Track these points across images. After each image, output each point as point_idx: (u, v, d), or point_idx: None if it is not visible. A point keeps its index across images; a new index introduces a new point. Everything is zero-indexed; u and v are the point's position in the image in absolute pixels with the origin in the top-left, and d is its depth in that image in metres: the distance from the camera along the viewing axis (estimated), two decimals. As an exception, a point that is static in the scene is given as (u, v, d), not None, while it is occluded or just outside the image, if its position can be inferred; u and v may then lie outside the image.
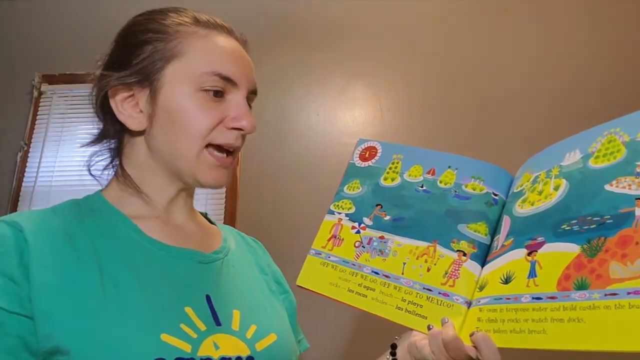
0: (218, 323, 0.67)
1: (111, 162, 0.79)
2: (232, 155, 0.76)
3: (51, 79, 2.35)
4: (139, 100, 0.73)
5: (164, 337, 0.60)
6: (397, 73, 2.22)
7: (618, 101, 2.04)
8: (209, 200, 2.10)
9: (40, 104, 2.33)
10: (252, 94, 0.78)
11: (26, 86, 2.34)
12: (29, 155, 2.25)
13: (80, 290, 0.60)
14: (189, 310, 0.65)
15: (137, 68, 0.72)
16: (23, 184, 2.21)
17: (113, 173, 0.79)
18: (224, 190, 2.08)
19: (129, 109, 0.73)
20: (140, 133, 0.74)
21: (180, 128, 0.71)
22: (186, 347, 0.61)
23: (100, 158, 0.80)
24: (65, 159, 2.23)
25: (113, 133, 0.77)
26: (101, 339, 0.58)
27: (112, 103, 0.73)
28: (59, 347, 0.57)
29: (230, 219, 2.03)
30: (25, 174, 2.22)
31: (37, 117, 2.31)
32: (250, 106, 0.77)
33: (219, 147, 0.73)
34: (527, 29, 2.22)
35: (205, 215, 0.89)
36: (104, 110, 0.76)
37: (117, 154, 0.78)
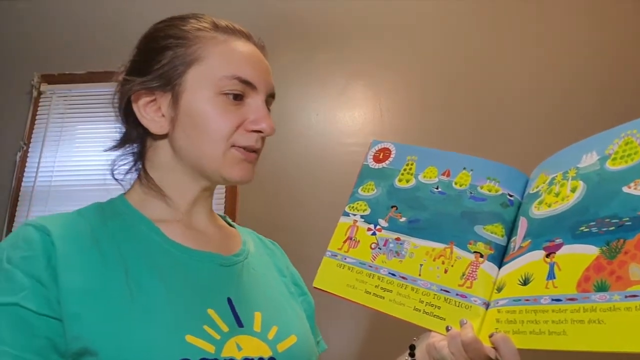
0: (240, 324, 0.68)
1: (134, 165, 0.80)
2: (256, 153, 0.77)
3: (50, 79, 2.35)
4: (161, 104, 0.75)
5: (189, 338, 0.61)
6: (396, 73, 2.23)
7: (618, 101, 2.05)
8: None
9: (40, 104, 2.33)
10: (270, 97, 0.80)
11: (25, 86, 2.34)
12: (28, 155, 2.25)
13: (107, 293, 0.62)
14: (211, 312, 0.67)
15: (158, 73, 0.74)
16: (22, 183, 2.21)
17: (136, 177, 0.80)
18: (223, 190, 2.07)
19: (151, 113, 0.75)
20: (163, 136, 0.76)
21: (202, 131, 0.72)
22: (210, 348, 0.62)
23: (122, 162, 0.81)
24: (65, 158, 2.24)
25: (136, 137, 0.79)
26: (128, 339, 0.59)
27: (134, 108, 0.75)
28: (88, 348, 0.58)
29: (228, 217, 2.01)
30: (24, 174, 2.22)
31: (37, 117, 2.31)
32: (269, 109, 0.79)
33: (243, 148, 0.75)
34: (527, 29, 2.22)
35: (224, 218, 0.90)
36: (126, 115, 0.78)
37: (140, 157, 0.79)
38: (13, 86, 2.36)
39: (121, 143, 0.81)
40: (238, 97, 0.74)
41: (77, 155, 2.23)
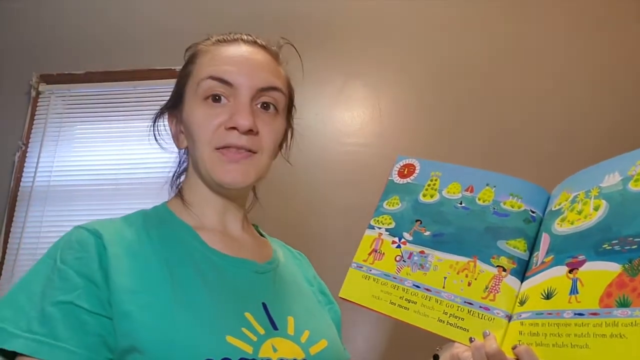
0: (275, 328, 0.71)
1: (178, 177, 0.87)
2: (245, 151, 0.77)
3: (49, 79, 2.36)
4: (178, 123, 0.83)
5: (229, 338, 0.65)
6: (395, 72, 2.23)
7: (614, 105, 2.04)
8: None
9: (38, 104, 2.34)
10: (264, 91, 0.79)
11: (24, 86, 2.35)
12: (26, 155, 2.26)
13: (154, 293, 0.66)
14: (248, 315, 0.70)
15: (172, 95, 0.84)
16: (21, 184, 2.22)
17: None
18: None
19: (177, 133, 0.84)
20: (186, 151, 0.84)
21: (193, 139, 0.77)
22: (248, 349, 0.65)
23: (178, 175, 0.90)
24: (63, 159, 2.24)
25: (183, 153, 0.87)
26: (174, 338, 0.62)
27: (171, 134, 0.84)
28: (136, 345, 0.61)
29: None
30: (23, 174, 2.24)
31: (35, 117, 2.32)
32: (270, 104, 0.80)
33: (228, 149, 0.76)
34: (526, 30, 2.22)
35: (256, 228, 0.94)
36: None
37: (184, 171, 0.87)
38: (11, 86, 2.37)
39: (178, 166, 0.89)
40: (217, 99, 0.76)
41: (76, 156, 2.24)
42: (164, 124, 0.87)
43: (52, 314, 0.61)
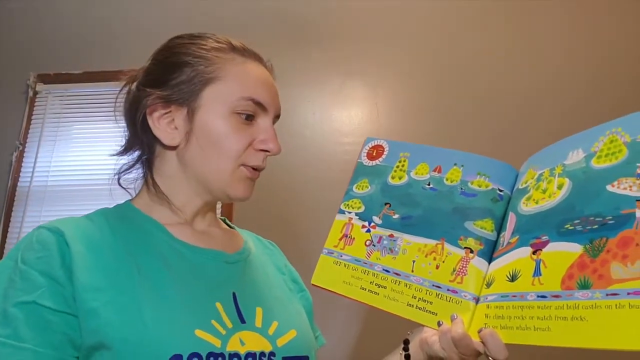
0: (243, 321, 0.72)
1: (142, 172, 0.84)
2: (259, 171, 0.82)
3: (46, 79, 2.35)
4: (175, 117, 0.78)
5: (198, 332, 0.66)
6: (393, 72, 2.22)
7: (612, 101, 2.05)
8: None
9: (36, 104, 2.33)
10: (276, 118, 0.84)
11: (21, 86, 2.35)
12: (24, 155, 2.26)
13: (121, 289, 0.66)
14: (219, 305, 0.71)
15: (178, 88, 0.77)
16: (18, 184, 2.22)
17: (142, 183, 0.84)
18: None
19: (164, 125, 0.79)
20: (172, 148, 0.79)
21: (216, 147, 0.76)
22: (217, 343, 0.66)
23: (126, 168, 0.85)
24: (61, 158, 2.24)
25: (145, 144, 0.82)
26: (141, 333, 0.63)
27: (149, 119, 0.78)
28: (103, 342, 0.62)
29: (226, 217, 2.01)
30: (20, 174, 2.24)
31: (32, 116, 2.32)
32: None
33: (249, 167, 0.79)
34: (525, 29, 2.21)
35: (224, 221, 0.93)
36: (139, 122, 0.80)
37: (148, 165, 0.83)
38: (8, 86, 2.36)
39: (127, 149, 0.84)
40: (250, 117, 0.78)
41: (74, 155, 2.24)
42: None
43: (14, 315, 0.61)
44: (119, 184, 0.85)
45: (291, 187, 2.08)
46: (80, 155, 2.23)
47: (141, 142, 0.82)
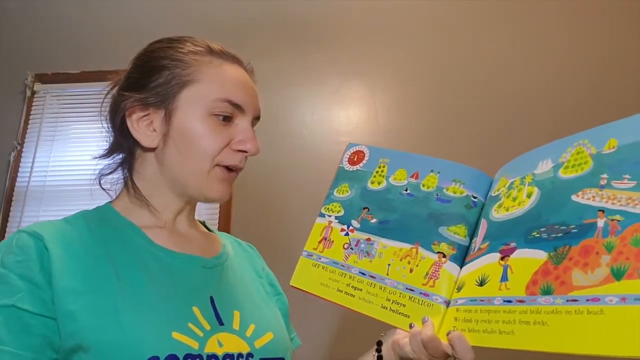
0: (221, 323, 0.73)
1: (122, 174, 0.85)
2: (236, 172, 0.82)
3: (44, 78, 2.34)
4: (153, 119, 0.80)
5: (175, 334, 0.67)
6: (391, 72, 2.22)
7: (612, 101, 2.05)
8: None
9: (33, 104, 2.32)
10: (255, 120, 0.85)
11: (19, 85, 2.34)
12: (22, 155, 2.25)
13: (100, 293, 0.67)
14: (196, 310, 0.72)
15: (155, 91, 0.79)
16: (16, 183, 2.21)
17: (122, 186, 0.85)
18: None
19: (143, 127, 0.80)
20: (151, 150, 0.81)
21: (192, 148, 0.77)
22: (194, 345, 0.68)
23: (108, 171, 0.86)
24: (59, 158, 2.23)
25: (125, 147, 0.84)
26: (119, 336, 0.64)
27: (128, 121, 0.80)
28: (82, 344, 0.63)
29: (224, 218, 2.05)
30: (18, 174, 2.22)
31: (30, 116, 2.30)
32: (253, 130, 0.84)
33: (226, 167, 0.80)
34: (524, 29, 2.21)
35: (203, 223, 0.95)
36: (118, 125, 0.82)
37: (128, 167, 0.84)
38: (6, 86, 2.35)
39: (110, 151, 0.86)
40: (227, 119, 0.79)
41: (71, 155, 2.22)
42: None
43: None
44: (100, 186, 0.86)
45: (290, 187, 2.09)
46: (78, 155, 2.22)
47: (121, 145, 0.84)
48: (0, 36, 2.45)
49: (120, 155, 0.86)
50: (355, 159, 0.88)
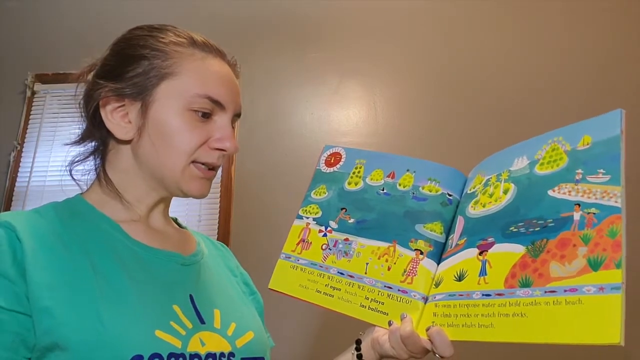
0: (202, 321, 0.71)
1: (94, 165, 0.81)
2: (214, 170, 0.79)
3: (44, 79, 2.32)
4: (129, 111, 0.76)
5: (158, 333, 0.64)
6: (391, 71, 2.24)
7: (612, 101, 2.08)
8: (203, 199, 2.08)
9: (33, 104, 2.31)
10: (236, 117, 0.81)
11: (19, 86, 2.32)
12: (22, 155, 2.24)
13: (77, 287, 0.63)
14: (176, 308, 0.69)
15: (132, 82, 0.75)
16: (16, 183, 2.19)
17: (94, 177, 0.81)
18: (218, 189, 2.08)
19: (118, 118, 0.76)
20: (126, 142, 0.77)
21: (168, 143, 0.74)
22: (177, 343, 0.65)
23: (80, 161, 0.83)
24: (59, 158, 2.19)
25: (98, 137, 0.80)
26: (99, 333, 0.60)
27: (102, 112, 0.76)
28: (58, 342, 0.59)
29: (224, 217, 2.04)
30: (18, 174, 2.21)
31: (30, 116, 2.29)
32: (233, 127, 0.81)
33: (203, 164, 0.77)
34: (522, 28, 2.24)
35: (175, 220, 0.91)
36: (91, 114, 0.79)
37: (101, 158, 0.81)
38: (6, 86, 2.33)
39: (82, 139, 0.82)
40: (206, 115, 0.76)
41: (71, 155, 2.18)
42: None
43: None
44: (71, 176, 0.83)
45: (290, 187, 2.07)
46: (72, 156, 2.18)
47: (95, 133, 0.80)
48: (1, 36, 2.42)
49: (93, 143, 0.82)
50: (332, 161, 0.88)
